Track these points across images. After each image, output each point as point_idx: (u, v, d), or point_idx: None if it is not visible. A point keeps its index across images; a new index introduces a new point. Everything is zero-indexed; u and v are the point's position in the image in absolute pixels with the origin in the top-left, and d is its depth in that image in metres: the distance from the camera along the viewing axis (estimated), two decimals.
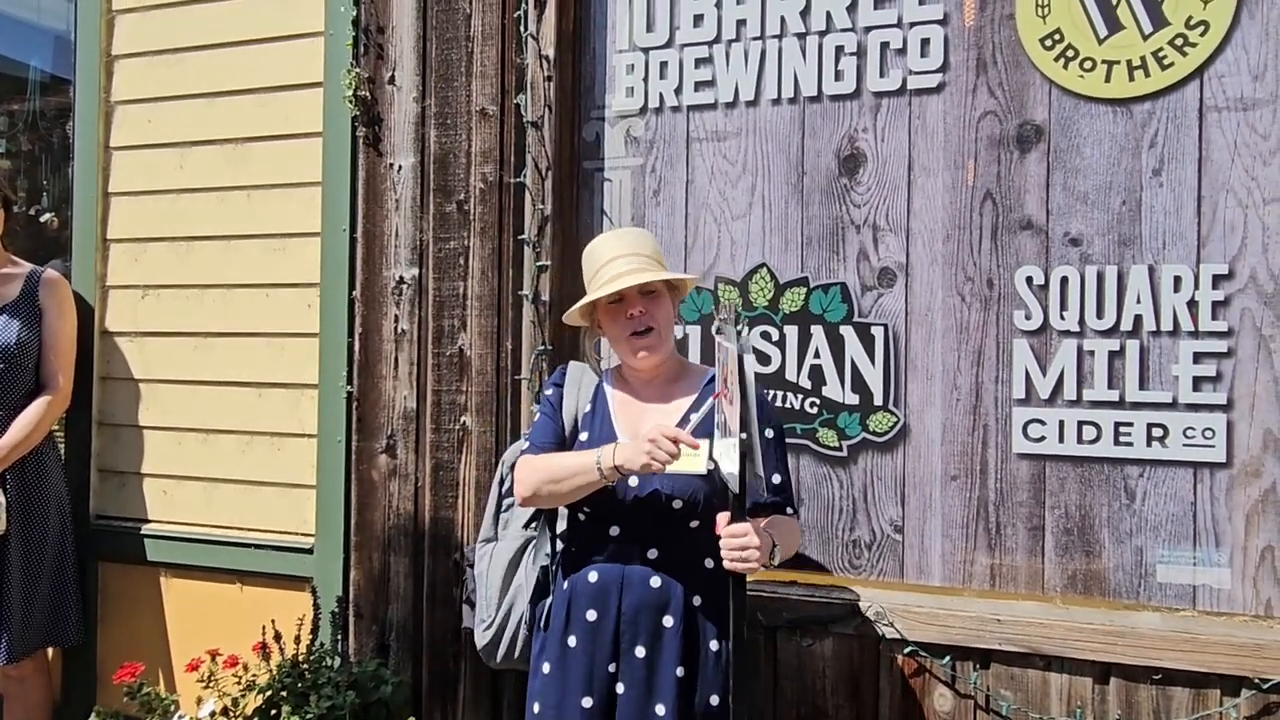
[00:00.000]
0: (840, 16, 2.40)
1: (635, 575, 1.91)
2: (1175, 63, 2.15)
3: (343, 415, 2.75)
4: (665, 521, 1.90)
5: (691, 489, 1.88)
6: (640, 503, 1.90)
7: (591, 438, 1.99)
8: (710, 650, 1.90)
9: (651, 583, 1.90)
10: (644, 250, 1.99)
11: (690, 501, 1.89)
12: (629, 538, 1.93)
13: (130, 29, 3.10)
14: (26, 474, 2.84)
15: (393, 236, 2.70)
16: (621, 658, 1.90)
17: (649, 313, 1.95)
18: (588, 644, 1.93)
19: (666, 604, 1.90)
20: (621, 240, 2.03)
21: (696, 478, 1.86)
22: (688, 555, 1.91)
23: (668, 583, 1.90)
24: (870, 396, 2.37)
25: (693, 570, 1.91)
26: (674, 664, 1.88)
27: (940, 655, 2.23)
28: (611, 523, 1.94)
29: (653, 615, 1.90)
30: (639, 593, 1.90)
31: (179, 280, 3.03)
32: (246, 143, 2.94)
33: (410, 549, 2.66)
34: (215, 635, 2.71)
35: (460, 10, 2.63)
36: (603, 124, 2.62)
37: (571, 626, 1.95)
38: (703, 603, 1.91)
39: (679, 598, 1.89)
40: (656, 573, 1.90)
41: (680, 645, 1.88)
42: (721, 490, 1.82)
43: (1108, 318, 2.20)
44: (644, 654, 1.89)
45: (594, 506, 1.94)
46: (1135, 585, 2.18)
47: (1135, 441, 2.18)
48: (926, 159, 2.34)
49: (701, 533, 1.90)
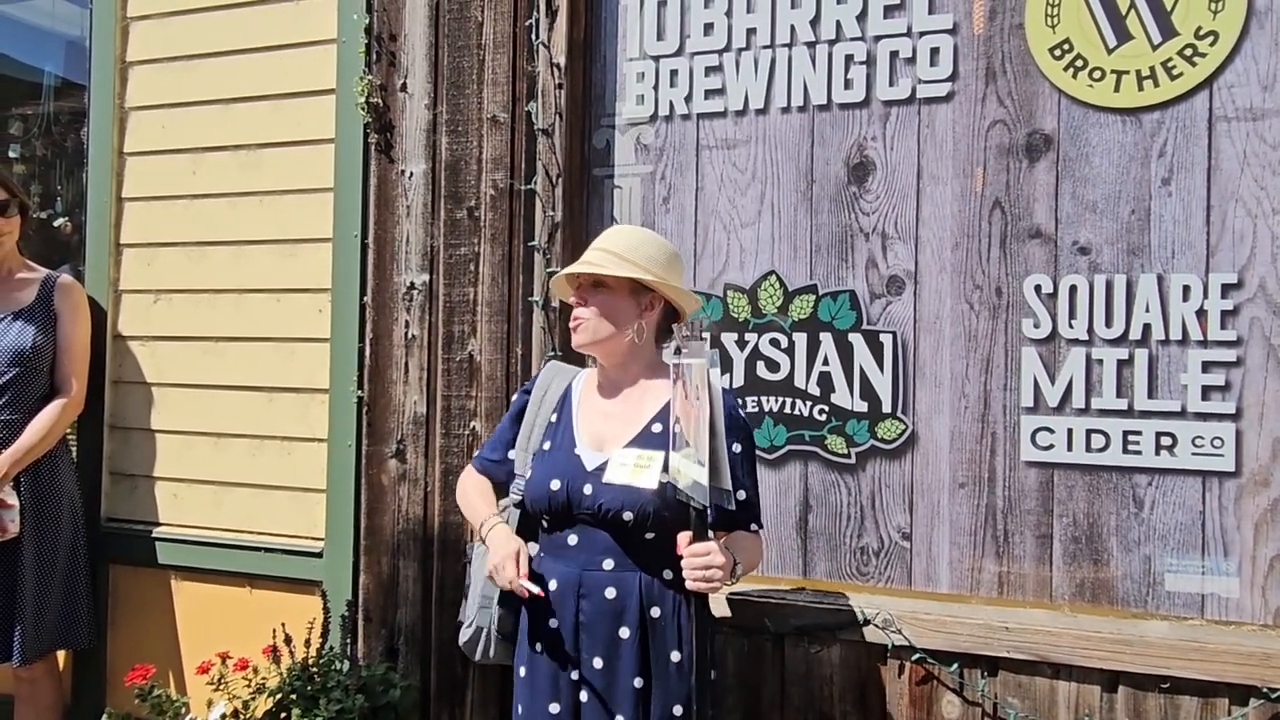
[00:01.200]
0: (850, 25, 2.41)
1: (592, 585, 1.91)
2: (1184, 73, 2.16)
3: (353, 420, 2.76)
4: (620, 533, 1.90)
5: (641, 502, 1.87)
6: (593, 514, 1.91)
7: (553, 446, 2.02)
8: (671, 661, 1.88)
9: (607, 594, 1.90)
10: (616, 248, 1.99)
11: (640, 515, 1.87)
12: (586, 548, 1.93)
13: (145, 35, 3.13)
14: (40, 477, 2.86)
15: (404, 242, 2.72)
16: (582, 666, 1.91)
17: (586, 302, 1.99)
18: (552, 652, 1.94)
19: (622, 615, 1.89)
20: (609, 236, 2.05)
21: (647, 491, 1.86)
22: (644, 566, 1.91)
23: (624, 594, 1.90)
24: (879, 404, 2.38)
25: (650, 581, 1.90)
26: (631, 674, 1.88)
27: (948, 662, 2.23)
28: (569, 532, 1.95)
29: (609, 626, 1.89)
30: (596, 603, 1.91)
31: (191, 285, 3.05)
32: (259, 149, 2.96)
33: (419, 553, 2.67)
34: (225, 638, 2.72)
35: (472, 18, 2.65)
36: (613, 131, 2.63)
37: (535, 633, 1.97)
38: (661, 614, 1.90)
39: (635, 609, 1.89)
40: (613, 583, 1.90)
41: (637, 656, 1.88)
42: (676, 505, 1.81)
43: (1116, 326, 2.21)
44: (601, 664, 1.90)
45: (552, 516, 1.96)
46: (1143, 594, 2.19)
47: (1144, 450, 2.18)
48: (935, 167, 2.35)
49: (658, 544, 1.89)
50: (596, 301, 1.99)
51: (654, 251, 2.00)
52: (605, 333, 1.99)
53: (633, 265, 1.97)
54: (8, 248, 2.92)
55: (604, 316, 1.99)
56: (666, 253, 2.02)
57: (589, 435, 2.00)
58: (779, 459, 2.46)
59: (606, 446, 1.96)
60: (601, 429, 2.00)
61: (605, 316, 1.99)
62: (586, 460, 1.95)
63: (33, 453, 2.81)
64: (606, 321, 1.99)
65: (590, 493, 1.91)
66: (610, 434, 1.98)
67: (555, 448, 2.01)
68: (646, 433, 1.94)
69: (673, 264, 2.03)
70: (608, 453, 1.94)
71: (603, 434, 1.99)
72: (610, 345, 2.01)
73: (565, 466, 1.96)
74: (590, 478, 1.92)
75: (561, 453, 2.00)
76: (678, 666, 1.88)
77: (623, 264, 1.97)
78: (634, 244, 2.01)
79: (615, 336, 1.99)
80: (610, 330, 1.99)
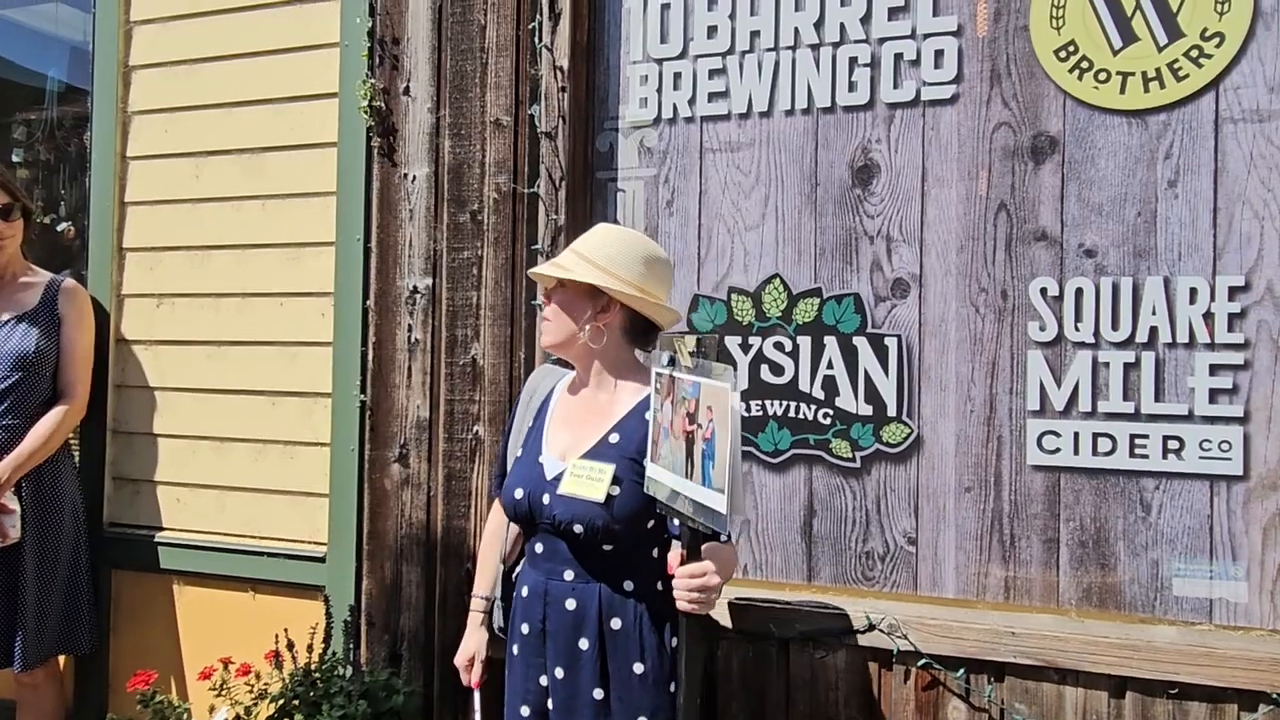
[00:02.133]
0: (854, 28, 2.40)
1: (555, 595, 1.91)
2: (1190, 74, 2.15)
3: (356, 424, 2.76)
4: (576, 544, 1.88)
5: (589, 515, 1.84)
6: (551, 525, 1.89)
7: (525, 453, 2.01)
8: (633, 672, 1.86)
9: (567, 604, 1.89)
10: (582, 247, 1.96)
11: (589, 528, 1.85)
12: (549, 557, 1.92)
13: (147, 40, 3.13)
14: (42, 482, 2.86)
15: (406, 246, 2.71)
16: (547, 673, 1.91)
17: (549, 302, 1.99)
18: (524, 654, 1.95)
19: (582, 626, 1.88)
20: (584, 235, 2.02)
21: (596, 504, 1.84)
22: (604, 577, 1.89)
23: (583, 605, 1.88)
24: (884, 407, 2.37)
25: (610, 593, 1.88)
26: (591, 686, 1.87)
27: (954, 668, 2.22)
28: (536, 540, 1.95)
29: (569, 637, 1.88)
30: (557, 613, 1.90)
31: (194, 289, 3.05)
32: (262, 153, 2.95)
33: (422, 558, 2.66)
34: (227, 643, 2.72)
35: (475, 22, 2.65)
36: (616, 134, 2.63)
37: (514, 636, 1.98)
38: (622, 626, 1.87)
39: (594, 620, 1.87)
40: (572, 594, 1.89)
41: (597, 668, 1.86)
42: (626, 519, 1.81)
43: (1123, 329, 2.19)
44: (563, 675, 1.89)
45: (520, 524, 1.96)
46: (1151, 599, 2.17)
47: (1151, 454, 2.17)
48: (940, 170, 2.34)
49: (616, 556, 1.88)
50: (557, 302, 1.98)
51: (616, 252, 1.93)
52: (561, 334, 1.97)
53: (591, 266, 1.92)
54: (10, 252, 2.92)
55: (559, 318, 1.97)
56: (639, 255, 1.95)
57: (554, 443, 1.98)
58: (783, 463, 2.44)
59: (568, 455, 1.93)
60: (566, 436, 1.97)
61: (559, 318, 1.96)
62: (548, 469, 1.94)
63: (34, 458, 2.80)
64: (562, 323, 1.96)
65: (548, 503, 1.90)
66: (572, 442, 1.96)
67: (525, 454, 2.01)
68: (604, 443, 1.91)
69: (650, 268, 1.95)
70: (568, 461, 1.92)
71: (567, 442, 1.96)
72: (568, 348, 1.99)
73: (529, 475, 1.96)
74: (549, 487, 1.91)
75: (529, 460, 1.99)
76: (640, 678, 1.85)
77: (581, 264, 1.93)
78: (598, 243, 1.96)
79: (571, 339, 1.96)
80: (567, 332, 1.96)
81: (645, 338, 2.01)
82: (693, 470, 1.67)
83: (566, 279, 1.95)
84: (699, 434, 1.67)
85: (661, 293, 1.98)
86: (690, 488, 1.68)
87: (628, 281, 1.92)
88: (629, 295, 1.93)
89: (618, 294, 1.93)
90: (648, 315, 1.98)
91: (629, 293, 1.92)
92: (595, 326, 1.95)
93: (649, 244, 2.01)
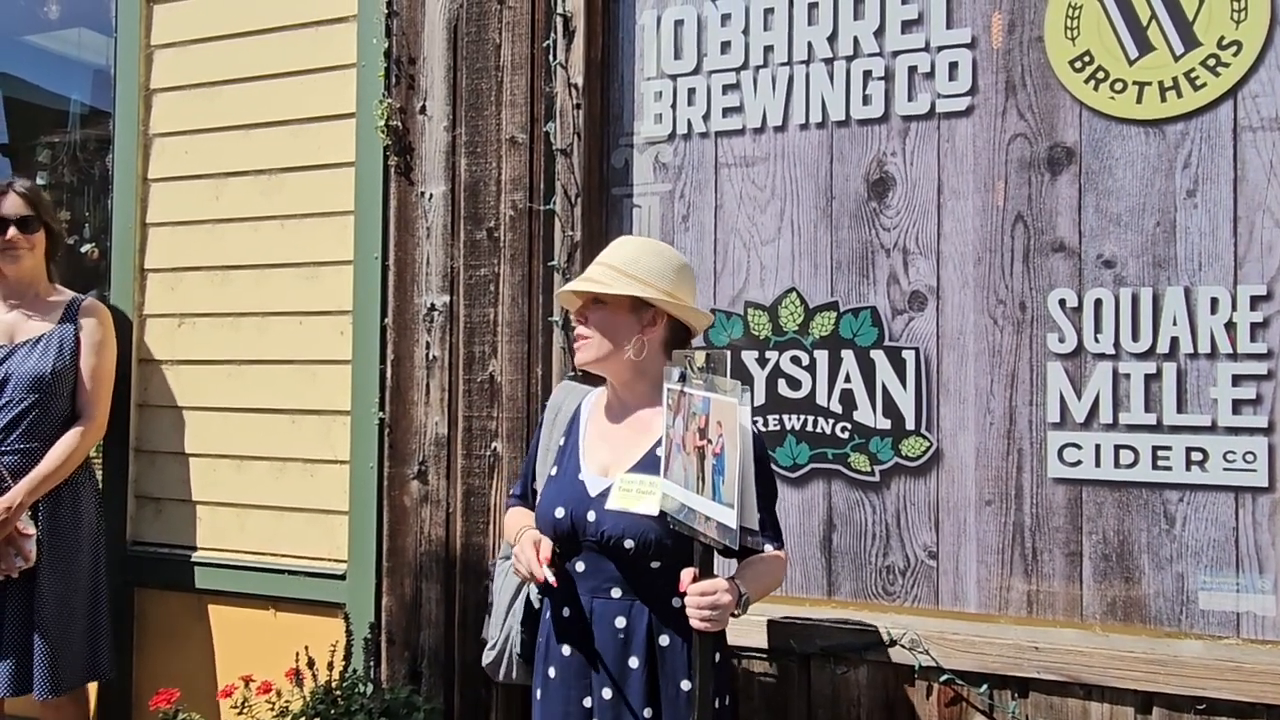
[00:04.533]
0: (867, 41, 2.40)
1: (601, 614, 1.88)
2: (1208, 83, 2.14)
3: (374, 441, 2.77)
4: (624, 561, 1.86)
5: (642, 530, 1.83)
6: (598, 542, 1.87)
7: (560, 471, 1.99)
8: (681, 689, 1.84)
9: (616, 623, 1.87)
10: (617, 262, 1.95)
11: (642, 542, 1.83)
12: (593, 575, 1.90)
13: (168, 64, 3.17)
14: (61, 504, 2.85)
15: (424, 264, 2.73)
16: (593, 694, 1.88)
17: (586, 320, 1.96)
18: (564, 677, 1.91)
19: (630, 644, 1.86)
20: (612, 248, 2.01)
21: (647, 519, 1.82)
22: (652, 595, 1.87)
23: (632, 623, 1.86)
24: (902, 421, 2.36)
25: (658, 610, 1.86)
26: (641, 705, 1.84)
27: (977, 683, 2.20)
28: (577, 559, 1.92)
29: (618, 655, 1.86)
30: (605, 632, 1.87)
31: (214, 309, 3.08)
32: (281, 173, 2.99)
33: (442, 575, 2.67)
34: (249, 661, 2.73)
35: (490, 41, 2.67)
36: (631, 150, 2.64)
37: (550, 658, 1.94)
38: (671, 643, 1.86)
39: (642, 639, 1.85)
40: (621, 613, 1.87)
41: (645, 687, 1.84)
42: (679, 534, 1.77)
43: (1143, 340, 2.18)
44: (610, 695, 1.86)
45: (560, 543, 1.91)
46: (1177, 612, 2.14)
47: (1174, 466, 2.15)
48: (956, 182, 2.33)
49: (664, 573, 1.85)
50: (595, 319, 1.95)
51: (656, 263, 1.94)
52: (604, 351, 1.94)
53: (631, 280, 1.91)
54: (26, 264, 2.92)
55: (603, 334, 1.94)
56: (672, 264, 1.95)
57: (594, 459, 1.96)
58: (801, 477, 2.44)
59: (611, 471, 1.92)
60: (607, 453, 1.96)
61: (604, 334, 1.94)
62: (590, 486, 1.92)
63: (50, 480, 2.80)
64: (605, 339, 1.94)
65: (594, 519, 1.87)
66: (615, 458, 1.94)
67: (561, 473, 1.98)
68: (651, 456, 1.90)
69: (681, 276, 1.96)
70: (612, 477, 1.90)
71: (608, 458, 1.95)
72: (610, 364, 1.96)
73: (570, 493, 1.93)
74: (594, 504, 1.89)
75: (567, 478, 1.96)
76: (688, 695, 1.83)
77: (621, 279, 1.92)
78: (634, 256, 1.95)
79: (614, 354, 1.94)
80: (609, 348, 1.94)
81: (682, 347, 2.01)
82: (703, 485, 1.67)
83: (607, 295, 1.94)
84: (709, 449, 1.67)
85: (692, 298, 1.99)
86: (701, 502, 1.67)
87: (667, 292, 1.92)
88: (674, 305, 1.93)
89: (663, 304, 1.92)
90: (688, 322, 1.98)
91: (673, 303, 1.93)
92: (642, 340, 1.94)
93: (673, 251, 2.01)
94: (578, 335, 1.98)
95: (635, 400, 1.98)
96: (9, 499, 2.71)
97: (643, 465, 1.90)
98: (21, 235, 2.89)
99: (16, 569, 2.70)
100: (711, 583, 1.69)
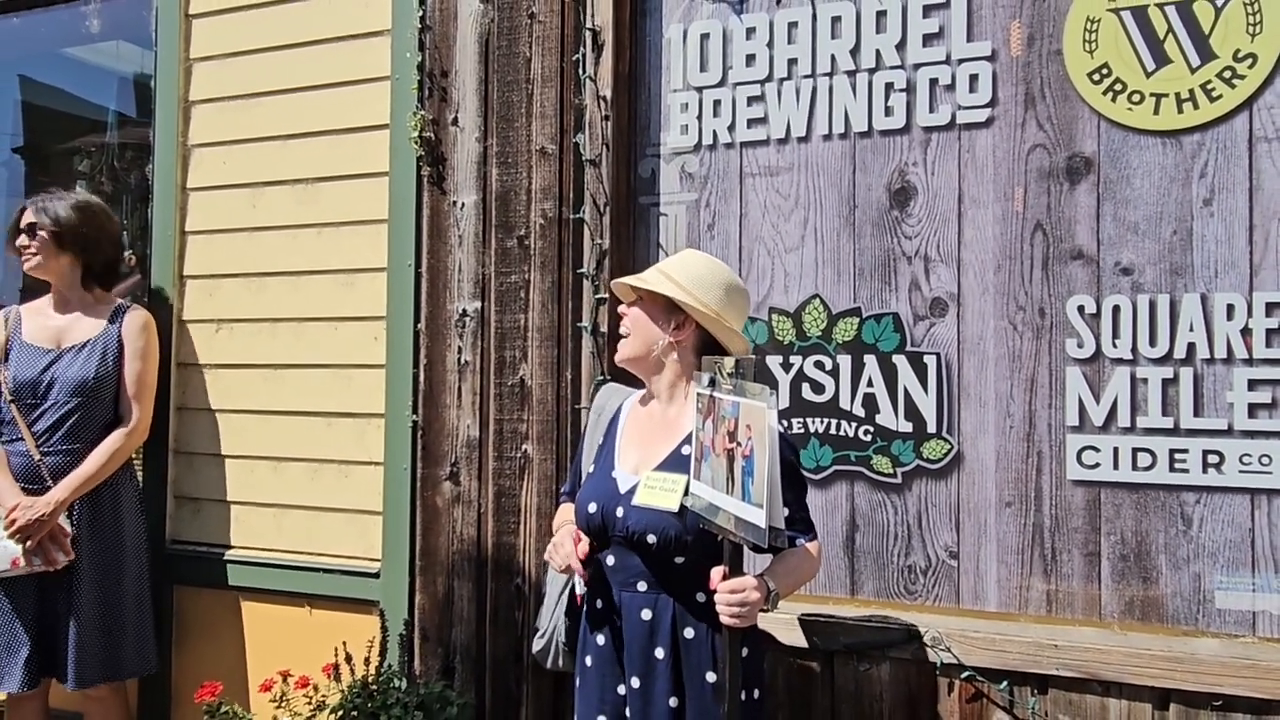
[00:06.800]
0: (889, 54, 2.47)
1: (629, 606, 1.95)
2: (1224, 95, 2.19)
3: (408, 443, 2.85)
4: (649, 556, 1.92)
5: (663, 526, 1.89)
6: (625, 537, 1.94)
7: (597, 469, 2.06)
8: (706, 681, 1.90)
9: (642, 615, 1.93)
10: (666, 266, 2.04)
11: (663, 538, 1.89)
12: (622, 569, 1.96)
13: (206, 76, 3.27)
14: (101, 504, 2.93)
15: (456, 271, 2.81)
16: (625, 682, 1.96)
17: (627, 314, 2.06)
18: (599, 667, 1.99)
19: (656, 635, 1.92)
20: (674, 257, 2.10)
21: (669, 514, 1.88)
22: (677, 588, 1.92)
23: (658, 615, 1.92)
24: (924, 424, 2.41)
25: (684, 604, 1.92)
26: (666, 695, 1.91)
27: (998, 680, 2.25)
28: (608, 553, 1.99)
29: (644, 646, 1.92)
30: (632, 623, 1.94)
31: (251, 314, 3.17)
32: (316, 183, 3.07)
33: (473, 574, 2.74)
34: (285, 657, 2.81)
35: (520, 54, 2.75)
36: (658, 160, 2.71)
37: (587, 648, 2.02)
38: (695, 635, 1.91)
39: (667, 630, 1.91)
40: (647, 605, 1.93)
41: (671, 676, 1.90)
42: (698, 530, 1.83)
43: (1160, 345, 2.23)
44: (639, 684, 1.93)
45: (593, 537, 1.99)
46: (1194, 611, 2.19)
47: (1191, 468, 2.20)
48: (976, 191, 2.39)
49: (688, 568, 1.91)
50: (632, 315, 2.05)
51: (701, 273, 1.99)
52: (635, 348, 2.04)
53: (671, 283, 1.98)
54: (50, 268, 2.97)
55: (636, 331, 2.03)
56: (720, 280, 2.00)
57: (626, 458, 2.03)
58: (825, 479, 2.50)
59: (642, 469, 1.99)
60: (637, 451, 2.03)
61: (637, 331, 2.03)
62: (621, 483, 1.99)
63: (90, 481, 2.87)
64: (637, 337, 2.03)
65: (621, 515, 1.94)
66: (645, 456, 2.01)
67: (598, 470, 2.07)
68: (676, 455, 1.97)
69: (729, 295, 2.00)
70: (642, 475, 1.97)
71: (639, 456, 2.02)
72: (641, 362, 2.05)
73: (602, 489, 2.01)
74: (623, 500, 1.96)
75: (601, 475, 2.04)
76: (714, 687, 1.89)
77: (663, 280, 2.00)
78: (685, 264, 2.03)
79: (644, 352, 2.03)
80: (639, 346, 2.03)
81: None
82: (733, 486, 1.74)
83: (644, 292, 2.03)
84: (738, 451, 1.74)
85: (737, 322, 2.03)
86: (731, 503, 1.74)
87: (703, 301, 1.97)
88: (703, 314, 1.98)
89: (692, 310, 1.98)
90: (720, 338, 2.02)
91: (705, 312, 1.98)
92: (670, 341, 2.01)
93: (732, 274, 2.06)
94: (620, 326, 2.08)
95: (665, 400, 2.06)
96: (51, 498, 2.80)
97: (668, 464, 1.96)
98: (28, 239, 2.98)
99: (58, 563, 2.80)
100: (740, 580, 1.76)
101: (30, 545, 2.77)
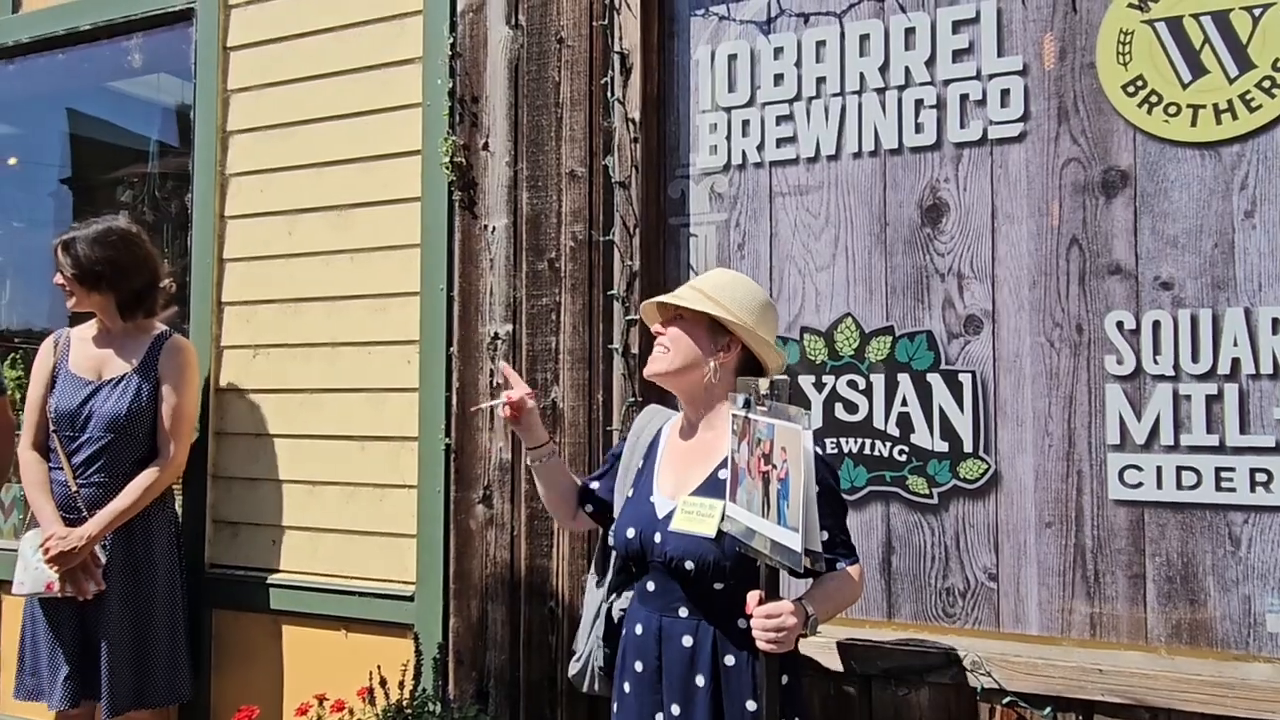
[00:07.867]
0: (919, 71, 2.45)
1: (670, 632, 1.92)
2: (1263, 105, 2.14)
3: (441, 467, 2.86)
4: (688, 582, 1.90)
5: (702, 552, 1.87)
6: (664, 563, 1.92)
7: (636, 493, 2.04)
8: (747, 709, 1.87)
9: (683, 641, 1.91)
10: (705, 286, 2.01)
11: (701, 564, 1.87)
12: (662, 594, 1.94)
13: (244, 107, 3.33)
14: (134, 534, 2.94)
15: (488, 294, 2.82)
16: (664, 710, 1.93)
17: (665, 332, 2.02)
18: (637, 693, 1.96)
19: (696, 663, 1.89)
20: (706, 274, 2.08)
21: (708, 541, 1.86)
22: (717, 615, 1.90)
23: (699, 642, 1.90)
24: (960, 443, 2.38)
25: (724, 630, 1.89)
26: None
27: (1040, 706, 2.20)
28: (648, 578, 1.97)
29: (685, 673, 1.90)
30: (673, 650, 1.91)
31: (288, 340, 3.20)
32: (350, 209, 3.11)
33: (507, 597, 2.74)
34: (321, 680, 2.82)
35: (550, 79, 2.77)
36: (687, 181, 2.71)
37: (625, 673, 2.00)
38: (736, 663, 1.88)
39: (708, 658, 1.89)
40: (688, 631, 1.91)
41: (710, 705, 1.87)
42: (736, 555, 1.81)
43: (1203, 361, 2.18)
44: (679, 712, 1.90)
45: (632, 562, 1.97)
46: (1244, 635, 2.13)
47: (1238, 487, 2.14)
48: (1010, 207, 2.36)
49: (728, 594, 1.88)
50: (674, 332, 2.01)
51: (741, 294, 1.99)
52: (675, 364, 2.00)
53: (714, 303, 1.97)
54: (83, 304, 2.99)
55: (677, 349, 2.00)
56: (757, 299, 2.00)
57: (665, 481, 2.02)
58: (860, 500, 2.46)
59: (679, 493, 1.97)
60: (676, 475, 2.01)
61: (678, 349, 2.00)
62: (659, 507, 1.97)
63: (122, 516, 2.89)
64: (678, 355, 2.00)
65: (659, 541, 1.93)
66: (682, 480, 1.99)
67: (636, 494, 2.05)
68: (713, 479, 1.94)
69: (765, 313, 2.00)
70: (679, 499, 1.95)
71: (676, 481, 2.00)
72: (680, 379, 2.01)
73: (640, 514, 1.99)
74: (660, 525, 1.94)
75: (640, 500, 2.03)
76: (754, 715, 1.86)
77: (705, 300, 1.98)
78: (723, 284, 2.01)
79: (685, 371, 1.99)
80: (680, 363, 1.99)
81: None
82: (769, 509, 1.72)
83: (686, 310, 2.00)
84: (774, 474, 1.72)
85: (771, 337, 2.02)
86: (766, 526, 1.72)
87: (742, 321, 1.96)
88: (749, 334, 1.97)
89: (739, 330, 1.96)
90: (762, 356, 2.01)
91: (750, 331, 1.96)
92: (715, 363, 1.98)
93: (762, 291, 2.05)
94: (657, 344, 2.04)
95: (704, 424, 2.04)
96: (83, 532, 2.83)
97: (705, 488, 1.94)
98: (62, 279, 3.00)
99: (88, 592, 2.83)
100: (777, 605, 1.74)
101: (60, 572, 2.81)
